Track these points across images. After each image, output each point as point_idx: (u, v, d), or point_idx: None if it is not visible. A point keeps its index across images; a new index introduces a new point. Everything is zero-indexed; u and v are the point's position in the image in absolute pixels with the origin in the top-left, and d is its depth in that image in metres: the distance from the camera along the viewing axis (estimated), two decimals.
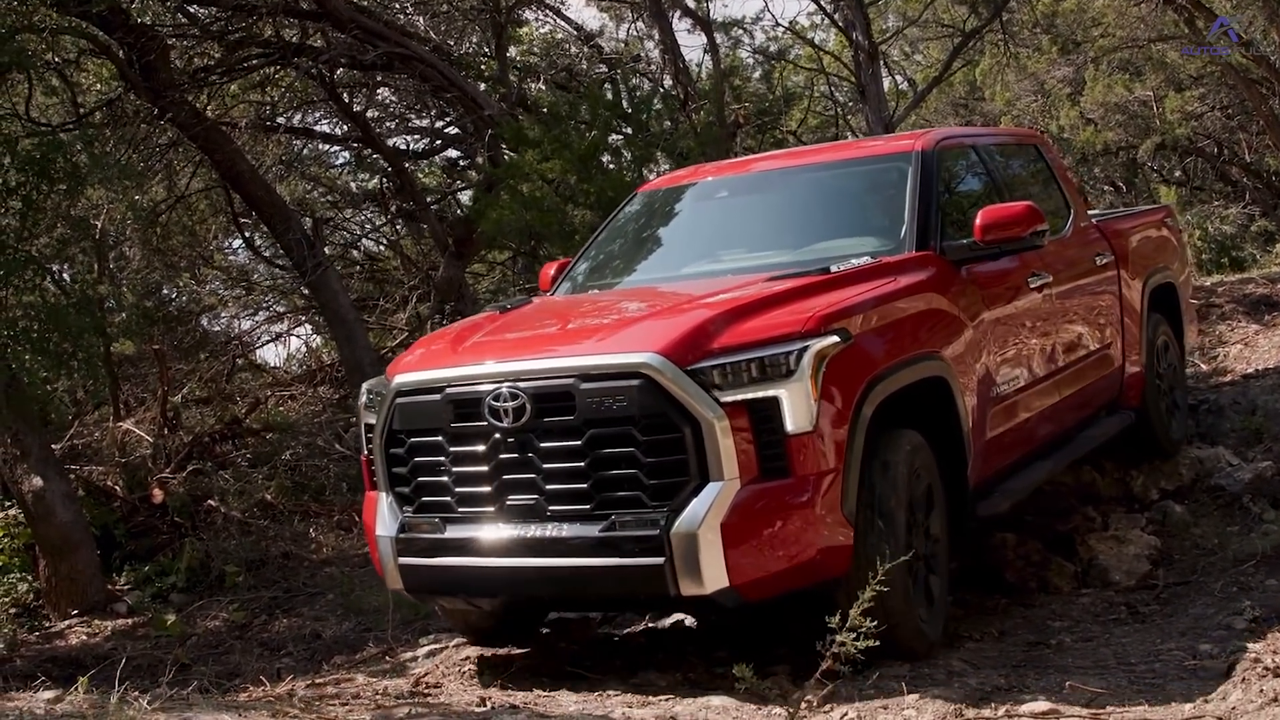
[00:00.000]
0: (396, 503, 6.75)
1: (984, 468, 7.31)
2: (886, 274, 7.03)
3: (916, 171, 7.82)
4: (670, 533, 5.93)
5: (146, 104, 13.94)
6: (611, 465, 6.12)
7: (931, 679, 6.05)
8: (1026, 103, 25.55)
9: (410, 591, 6.88)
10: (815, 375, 6.03)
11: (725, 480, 5.95)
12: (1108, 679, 6.03)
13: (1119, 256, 9.48)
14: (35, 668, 8.54)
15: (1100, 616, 7.55)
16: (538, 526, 6.26)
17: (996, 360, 7.52)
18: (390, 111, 19.64)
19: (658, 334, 6.24)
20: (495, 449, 6.35)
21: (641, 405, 6.02)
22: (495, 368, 6.44)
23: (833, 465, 6.10)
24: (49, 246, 12.20)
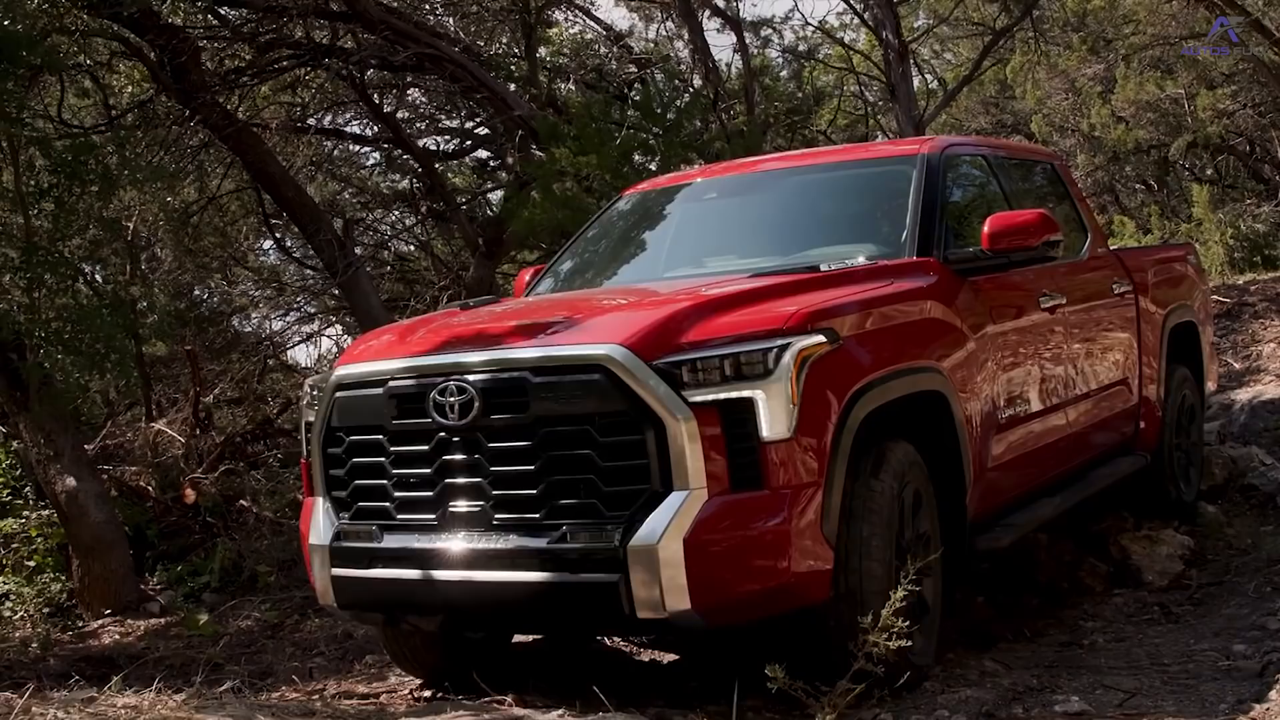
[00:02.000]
0: (333, 508, 6.20)
1: (985, 498, 6.76)
2: (883, 277, 6.54)
3: (921, 176, 7.28)
4: (627, 547, 5.32)
5: (178, 106, 14.01)
6: (565, 470, 5.51)
7: (964, 679, 6.04)
8: (1057, 101, 25.41)
9: (343, 608, 6.24)
10: (796, 377, 5.44)
11: (691, 490, 5.34)
12: (1141, 679, 6.01)
13: (1138, 288, 8.90)
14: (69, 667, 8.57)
15: (1133, 617, 7.53)
16: (482, 537, 5.67)
17: (1002, 382, 6.99)
18: (420, 112, 19.67)
19: (622, 325, 5.66)
20: (439, 449, 5.77)
21: (600, 402, 5.44)
22: (442, 359, 5.88)
23: (813, 479, 5.49)
24: (81, 248, 12.24)
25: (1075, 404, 7.89)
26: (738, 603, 5.44)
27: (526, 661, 7.06)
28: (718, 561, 5.35)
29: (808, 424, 5.48)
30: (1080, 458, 8.16)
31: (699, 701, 5.89)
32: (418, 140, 18.87)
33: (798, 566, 5.43)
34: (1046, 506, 7.49)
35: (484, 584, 5.64)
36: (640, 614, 5.37)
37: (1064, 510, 7.69)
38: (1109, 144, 24.15)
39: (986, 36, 23.02)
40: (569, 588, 5.48)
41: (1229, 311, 13.93)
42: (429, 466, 5.80)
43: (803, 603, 5.55)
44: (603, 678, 6.08)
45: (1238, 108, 23.25)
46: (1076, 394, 7.90)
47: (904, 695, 5.68)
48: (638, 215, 8.55)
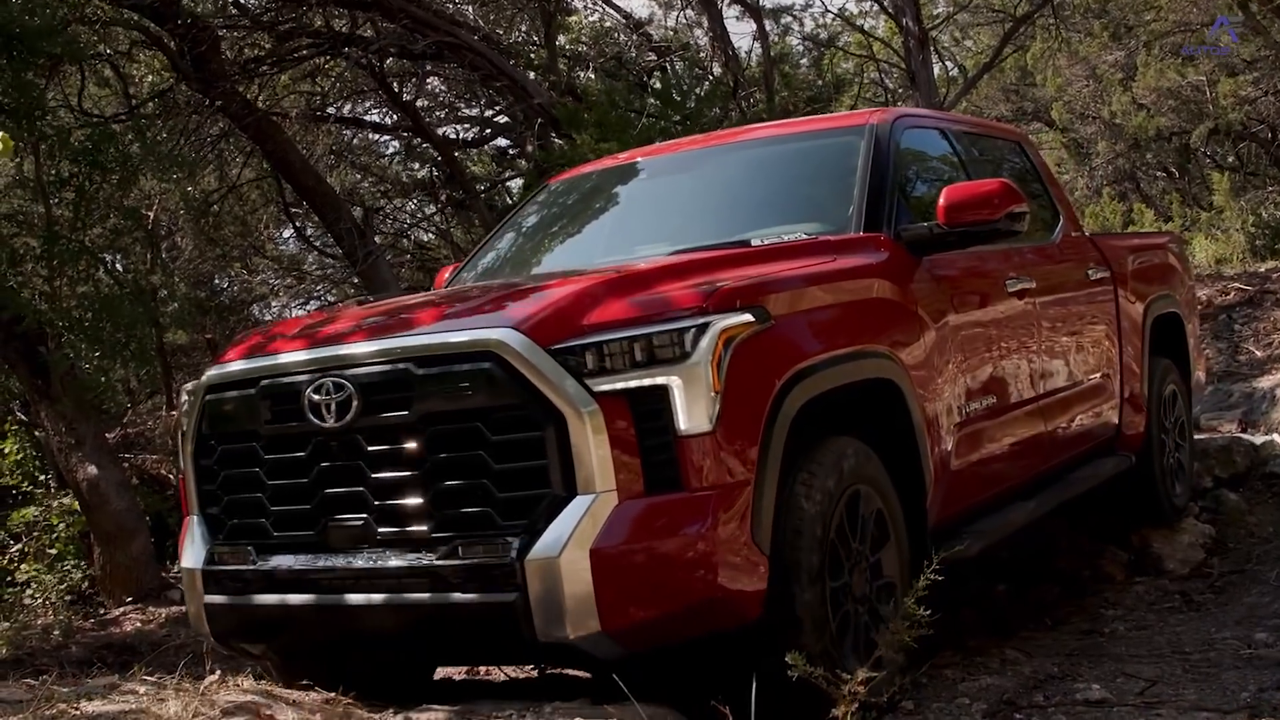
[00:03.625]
0: (206, 527, 5.47)
1: (950, 502, 6.04)
2: (823, 252, 5.83)
3: (870, 147, 6.51)
4: (524, 561, 4.59)
5: (198, 95, 14.06)
6: (455, 474, 4.78)
7: (985, 667, 6.02)
8: (1078, 88, 25.34)
9: (218, 640, 5.50)
10: (718, 361, 4.70)
11: (598, 494, 4.60)
12: (1162, 668, 5.98)
13: (1116, 276, 8.19)
14: (91, 654, 8.61)
15: (1154, 605, 7.50)
16: (365, 554, 4.96)
17: (965, 372, 6.27)
18: (440, 101, 19.70)
19: (518, 308, 4.97)
20: (316, 455, 5.05)
21: (491, 395, 4.71)
22: (319, 353, 5.15)
23: (740, 478, 4.75)
24: (102, 237, 12.30)
25: (1049, 399, 7.18)
26: (656, 623, 4.68)
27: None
28: (631, 576, 4.62)
29: (733, 415, 4.74)
30: (1057, 459, 7.40)
31: (715, 689, 5.84)
32: (437, 128, 18.90)
33: (725, 580, 4.68)
34: (1019, 512, 6.71)
35: (368, 610, 4.94)
36: (543, 638, 4.61)
37: (1040, 516, 6.96)
38: (1130, 131, 24.08)
39: (1007, 23, 22.92)
40: (461, 610, 4.74)
41: (1250, 299, 13.88)
42: (306, 476, 5.08)
43: (733, 622, 4.80)
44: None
45: (1259, 94, 23.14)
46: (1050, 388, 7.21)
47: (924, 684, 5.66)
48: (564, 204, 7.82)
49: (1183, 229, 21.21)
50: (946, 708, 5.31)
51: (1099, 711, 5.20)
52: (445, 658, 5.94)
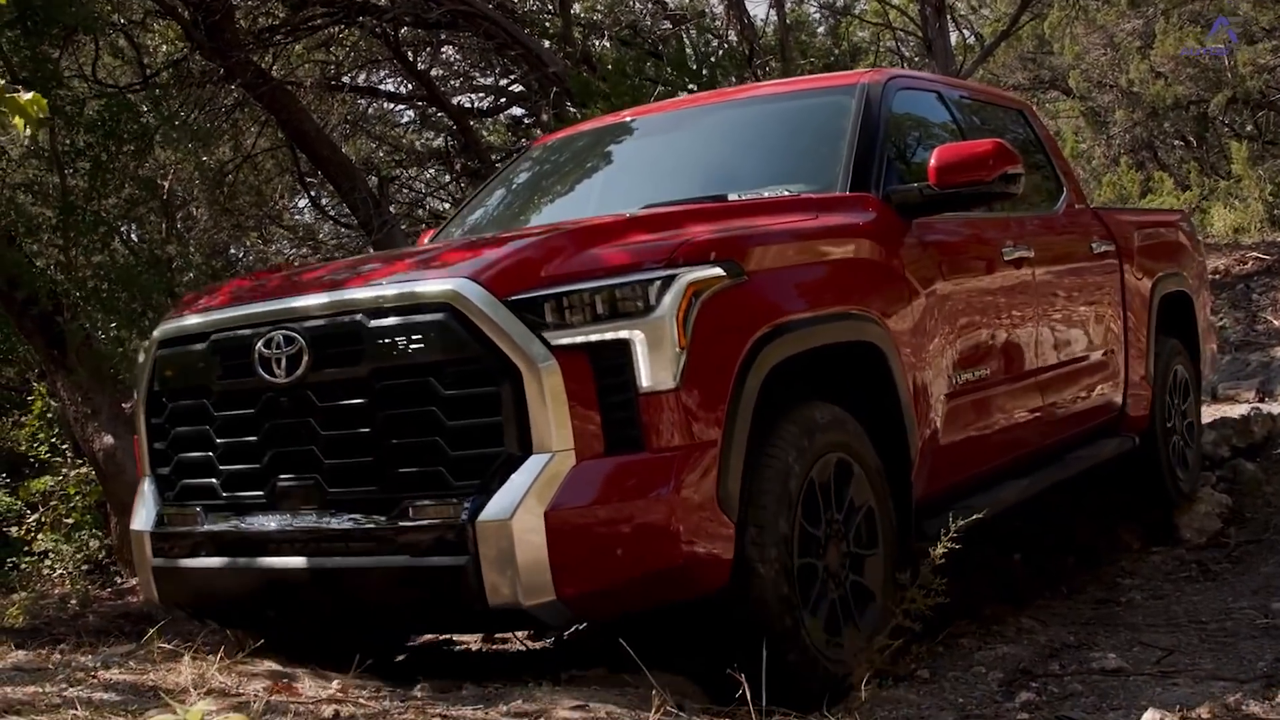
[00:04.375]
0: (157, 488, 5.29)
1: (937, 475, 5.80)
2: (806, 210, 5.61)
3: (860, 107, 6.26)
4: (475, 522, 4.38)
5: (212, 64, 14.03)
6: (406, 432, 4.58)
7: (1001, 636, 6.01)
8: (1095, 56, 25.21)
9: (166, 605, 5.41)
10: (684, 315, 4.48)
11: (554, 453, 4.38)
12: (1178, 637, 5.97)
13: (1122, 251, 7.91)
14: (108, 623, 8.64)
15: (1171, 574, 7.49)
16: (312, 515, 4.76)
17: (955, 340, 6.00)
18: (454, 70, 19.66)
19: (475, 260, 4.74)
20: (266, 412, 4.86)
21: (445, 348, 4.49)
22: (270, 306, 4.96)
23: (706, 439, 4.53)
24: (117, 207, 12.30)
25: (1047, 374, 6.91)
26: (614, 591, 4.46)
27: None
28: (587, 540, 4.40)
29: (699, 372, 4.51)
30: (1055, 437, 7.13)
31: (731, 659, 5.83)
32: (452, 98, 18.87)
33: (688, 547, 4.44)
34: (1011, 490, 6.42)
35: (316, 574, 4.75)
36: (494, 604, 4.39)
37: (1033, 495, 6.69)
38: (1148, 100, 23.98)
39: None
40: (409, 574, 4.55)
41: (1269, 268, 13.85)
42: (255, 434, 4.90)
43: (695, 591, 4.58)
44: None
45: (1278, 63, 23.02)
46: (1048, 363, 6.94)
47: (940, 653, 5.66)
48: (547, 165, 7.53)
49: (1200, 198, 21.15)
50: (963, 676, 5.31)
51: (1115, 680, 5.19)
52: (393, 625, 5.61)
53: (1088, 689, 5.09)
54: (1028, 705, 4.88)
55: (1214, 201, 20.99)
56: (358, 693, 3.66)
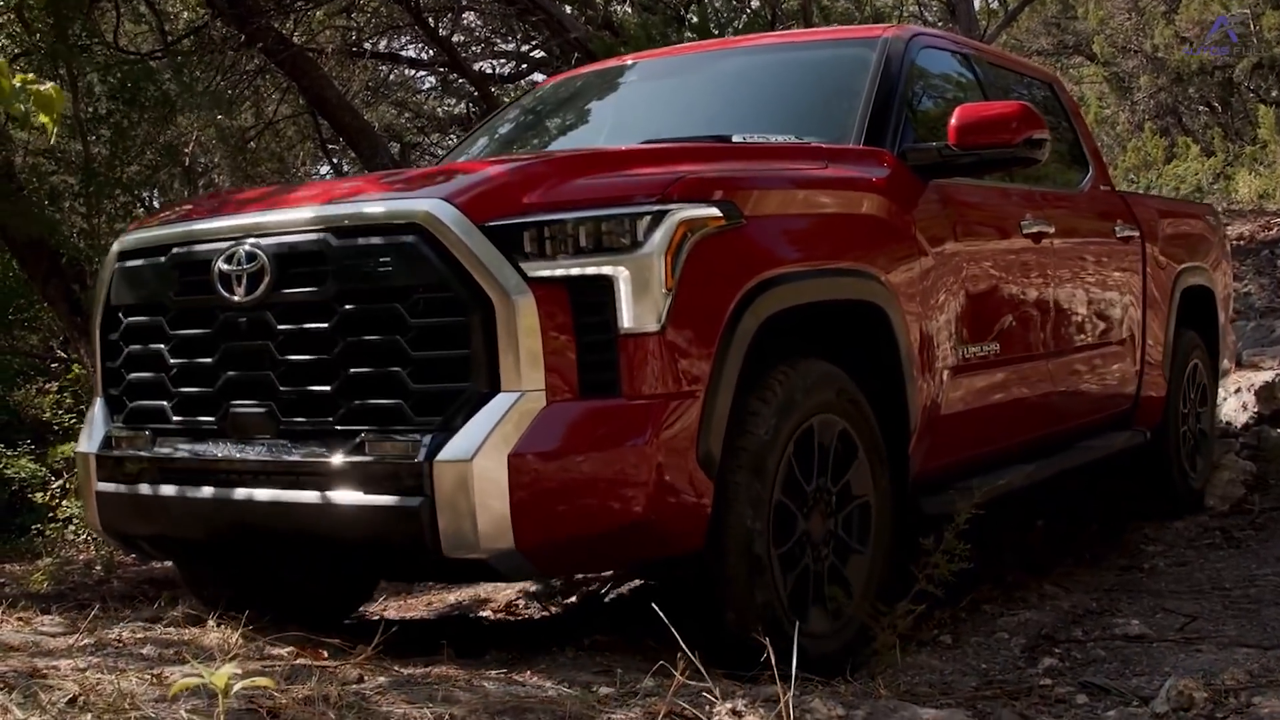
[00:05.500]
0: (107, 409, 5.04)
1: (939, 451, 5.53)
2: (815, 158, 5.31)
3: (880, 60, 5.98)
4: (433, 462, 4.08)
5: (233, 31, 14.00)
6: (367, 360, 4.28)
7: (1024, 602, 6.01)
8: (1120, 21, 25.08)
9: (109, 533, 5.09)
10: (674, 255, 4.19)
11: (524, 392, 4.08)
12: (1202, 604, 5.96)
13: (1146, 237, 7.63)
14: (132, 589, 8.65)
15: (1194, 541, 7.47)
16: (264, 445, 4.48)
17: (965, 311, 5.72)
18: (476, 36, 19.63)
19: (454, 182, 4.41)
20: (223, 334, 4.57)
21: (413, 273, 4.18)
22: (235, 220, 4.67)
23: (688, 389, 4.24)
24: (139, 173, 12.31)
25: (1060, 356, 6.63)
26: (578, 545, 4.19)
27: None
28: (553, 488, 4.10)
29: (685, 316, 4.22)
30: (1065, 424, 6.87)
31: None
32: (473, 64, 18.84)
33: (661, 502, 4.16)
34: (1017, 474, 6.10)
35: (262, 507, 4.46)
36: (448, 551, 4.11)
37: (1039, 481, 6.38)
38: (1172, 65, 23.87)
39: None
40: (360, 515, 4.24)
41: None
42: (211, 355, 4.61)
43: (667, 551, 4.32)
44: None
45: None
46: (1062, 345, 6.65)
47: (963, 619, 5.66)
48: (554, 104, 7.17)
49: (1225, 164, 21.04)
50: (985, 642, 5.31)
51: (1138, 646, 5.19)
52: (340, 568, 5.39)
53: (1111, 655, 5.08)
54: (1051, 671, 4.87)
55: (1239, 167, 20.88)
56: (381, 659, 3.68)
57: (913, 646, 5.05)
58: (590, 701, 3.64)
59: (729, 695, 3.71)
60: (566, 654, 4.56)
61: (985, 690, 4.57)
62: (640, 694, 3.75)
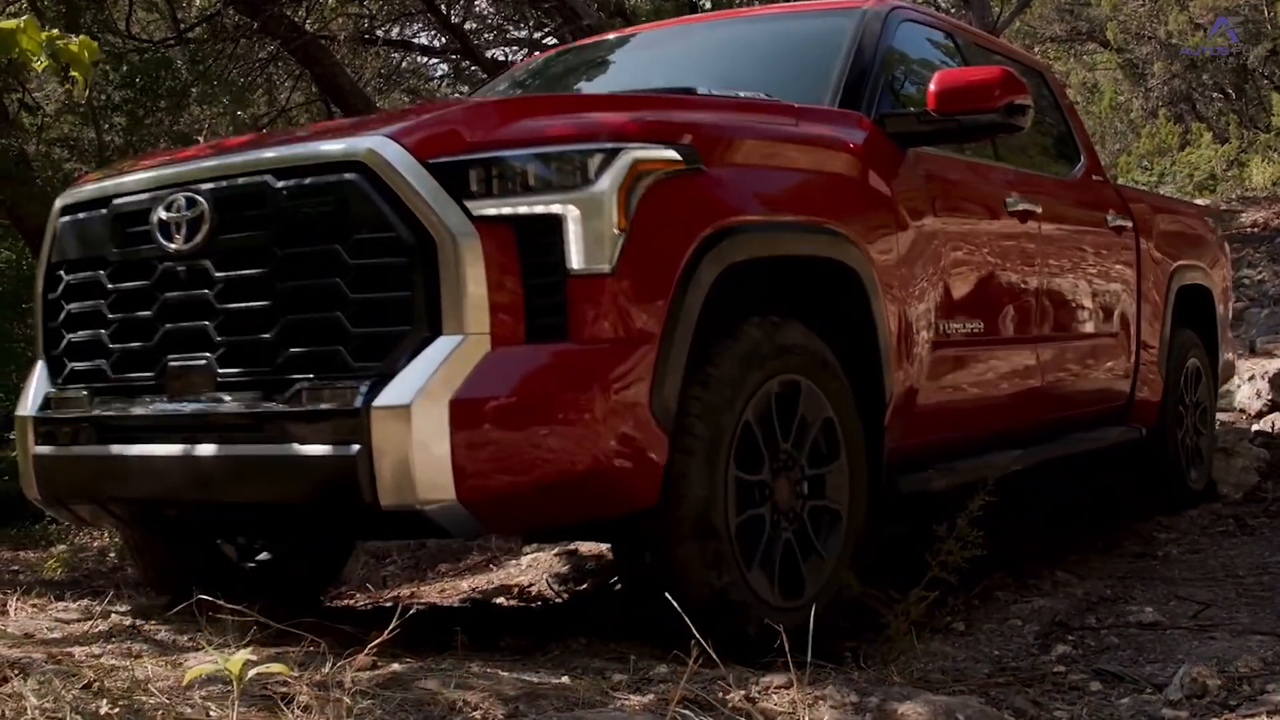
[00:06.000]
0: (47, 370, 4.85)
1: (918, 428, 5.39)
2: (785, 114, 5.13)
3: (858, 29, 5.88)
4: (371, 408, 3.88)
5: (246, 18, 14.01)
6: (307, 306, 4.09)
7: (1037, 589, 6.00)
8: (1134, 7, 24.99)
9: (45, 500, 4.87)
10: (626, 193, 4.02)
11: (467, 336, 3.89)
12: (1215, 591, 5.95)
13: (1140, 229, 7.55)
14: None
15: (1208, 529, 7.47)
16: (201, 399, 4.28)
17: (945, 286, 5.58)
18: (488, 23, 19.61)
19: (401, 122, 4.24)
20: (162, 284, 4.38)
21: (355, 213, 4.01)
22: (175, 169, 4.50)
23: (642, 334, 4.05)
24: None
25: (1047, 343, 6.51)
26: (524, 497, 3.96)
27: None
28: (497, 435, 3.89)
29: (639, 259, 4.05)
30: (1054, 413, 6.75)
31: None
32: (486, 51, 18.80)
33: (612, 454, 3.98)
34: (1002, 458, 5.97)
35: (199, 465, 4.25)
36: (386, 503, 3.89)
37: (1026, 466, 6.21)
38: None
39: None
40: (297, 466, 4.04)
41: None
42: (149, 308, 4.42)
43: (620, 507, 4.11)
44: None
45: None
46: (1049, 331, 6.53)
47: (976, 606, 5.65)
48: (541, 76, 7.01)
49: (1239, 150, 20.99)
50: (998, 629, 5.31)
51: (1152, 634, 5.18)
52: (280, 526, 5.04)
53: (1124, 642, 5.08)
54: (1064, 658, 4.87)
55: (1253, 154, 20.83)
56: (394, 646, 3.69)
57: (926, 633, 5.05)
58: (604, 688, 3.65)
59: (742, 682, 3.71)
60: (580, 641, 4.56)
61: (998, 677, 4.57)
62: (654, 680, 3.75)
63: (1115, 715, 4.04)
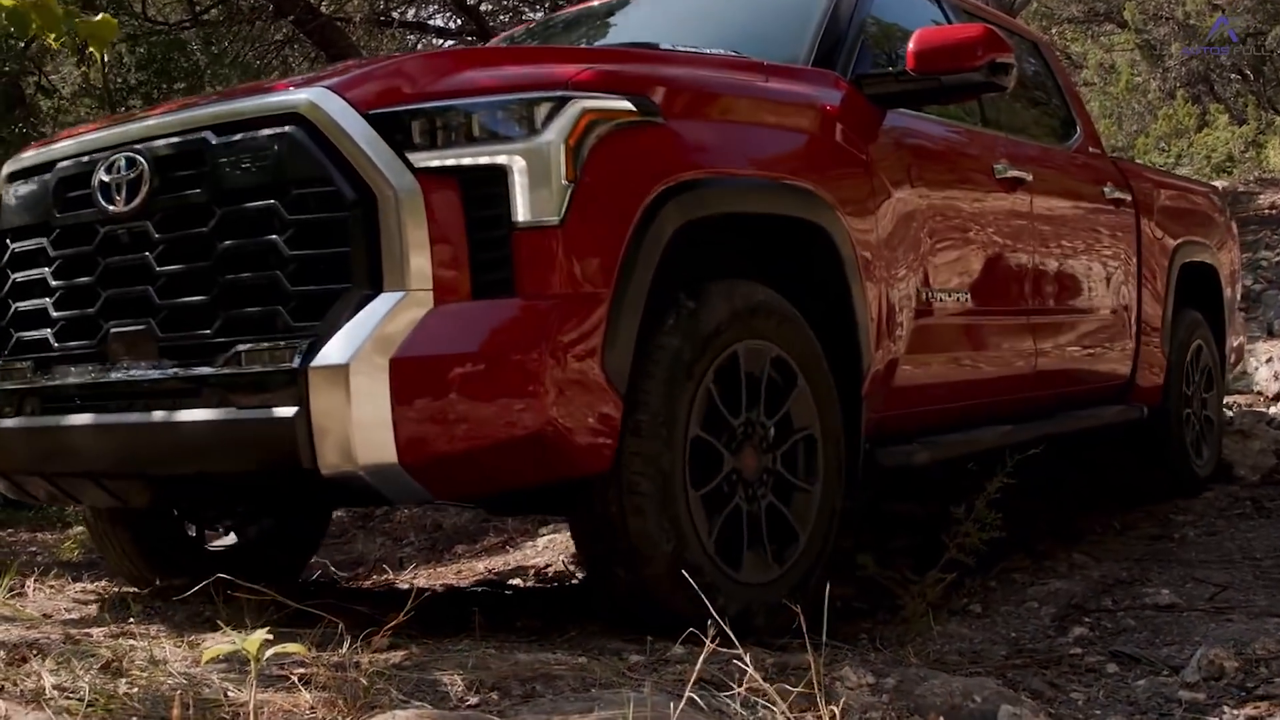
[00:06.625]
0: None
1: (900, 400, 5.25)
2: (753, 71, 4.96)
3: None
4: (309, 368, 3.72)
5: (261, 0, 14.01)
6: (245, 265, 3.95)
7: (1053, 571, 6.00)
8: None
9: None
10: (576, 144, 3.86)
11: (409, 292, 3.74)
12: (1232, 573, 5.94)
13: (1140, 204, 7.38)
14: None
15: (1225, 511, 7.45)
16: (143, 366, 4.13)
17: (927, 253, 5.39)
18: (504, 5, 19.57)
19: (346, 73, 4.13)
20: (103, 249, 4.26)
21: (294, 166, 3.88)
22: (117, 130, 4.38)
23: (592, 290, 3.88)
24: None
25: (1040, 316, 6.34)
26: (470, 461, 3.79)
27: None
28: (440, 396, 3.74)
29: (589, 212, 3.88)
30: (1048, 390, 6.55)
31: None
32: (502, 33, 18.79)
33: (561, 414, 3.79)
34: (990, 433, 5.88)
35: (141, 433, 4.10)
36: (325, 468, 3.73)
37: (1015, 443, 5.95)
38: (1204, 32, 23.67)
39: None
40: (235, 432, 3.88)
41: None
42: (91, 274, 4.30)
43: (570, 471, 3.92)
44: None
45: None
46: (1042, 305, 6.37)
47: (993, 588, 5.65)
48: (524, 39, 6.90)
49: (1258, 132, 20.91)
50: (1015, 611, 5.30)
51: (1168, 616, 5.17)
52: (230, 496, 4.86)
53: (1141, 624, 5.07)
54: (1081, 640, 4.86)
55: (1271, 135, 20.74)
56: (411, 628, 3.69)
57: (943, 615, 5.05)
58: (620, 669, 3.65)
59: (759, 663, 3.71)
60: (597, 622, 4.57)
61: (1015, 659, 4.57)
62: (671, 661, 3.75)
63: (1132, 697, 4.04)
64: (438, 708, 3.16)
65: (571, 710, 3.07)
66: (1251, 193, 17.25)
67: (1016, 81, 5.72)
